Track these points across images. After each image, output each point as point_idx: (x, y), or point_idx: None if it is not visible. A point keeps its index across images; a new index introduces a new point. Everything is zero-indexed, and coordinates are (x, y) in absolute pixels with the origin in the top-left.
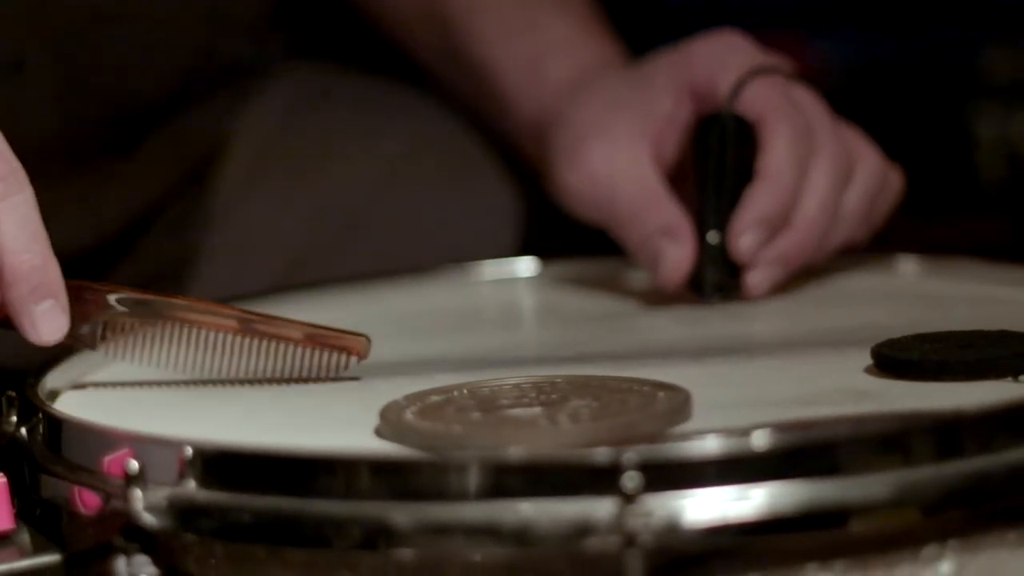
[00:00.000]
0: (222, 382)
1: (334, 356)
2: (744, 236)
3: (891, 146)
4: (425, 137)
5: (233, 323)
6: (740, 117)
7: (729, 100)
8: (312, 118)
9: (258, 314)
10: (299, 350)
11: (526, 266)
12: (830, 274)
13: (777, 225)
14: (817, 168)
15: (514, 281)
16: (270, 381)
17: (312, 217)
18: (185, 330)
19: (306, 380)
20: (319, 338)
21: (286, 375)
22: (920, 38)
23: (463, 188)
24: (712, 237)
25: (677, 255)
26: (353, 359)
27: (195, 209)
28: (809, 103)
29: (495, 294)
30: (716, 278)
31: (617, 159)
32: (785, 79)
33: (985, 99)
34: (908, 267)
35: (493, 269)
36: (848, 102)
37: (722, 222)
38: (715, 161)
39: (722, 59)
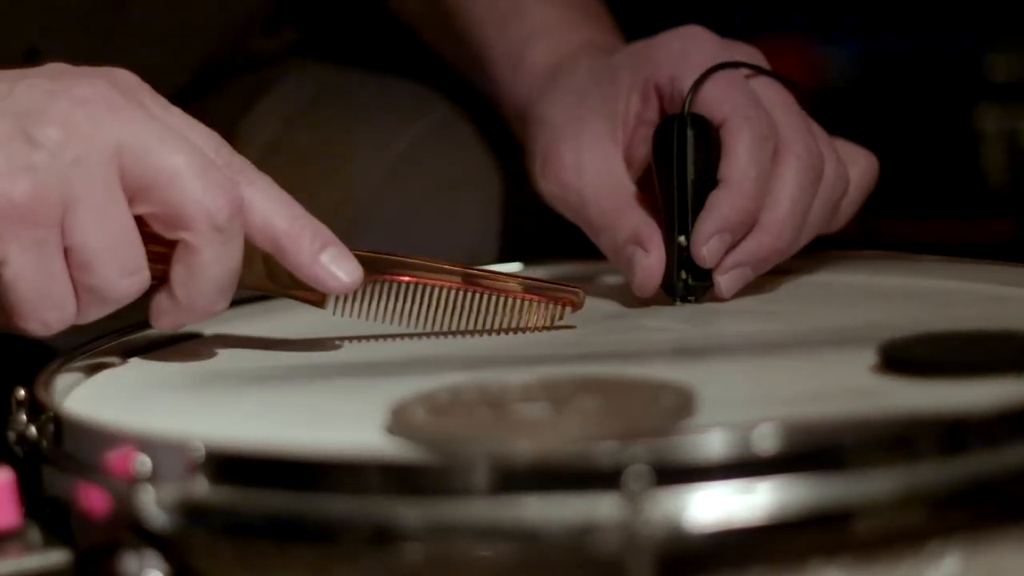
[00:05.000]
0: (445, 334)
1: (551, 307)
2: (706, 245)
3: (896, 147)
4: (431, 136)
5: (457, 279)
6: (701, 117)
7: (687, 102)
8: (318, 117)
9: (480, 269)
10: (518, 303)
11: (532, 266)
12: (834, 273)
13: (741, 231)
14: (785, 168)
15: None
16: (490, 332)
17: (323, 213)
18: (411, 287)
19: (524, 330)
20: (537, 290)
21: (505, 326)
22: (925, 40)
23: (469, 187)
24: (681, 240)
25: (647, 264)
26: (568, 309)
27: None
28: (774, 99)
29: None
30: (687, 281)
31: (586, 167)
32: (750, 74)
33: (990, 100)
34: (913, 266)
35: (509, 267)
36: (854, 104)
37: (689, 225)
38: (676, 164)
39: (684, 54)
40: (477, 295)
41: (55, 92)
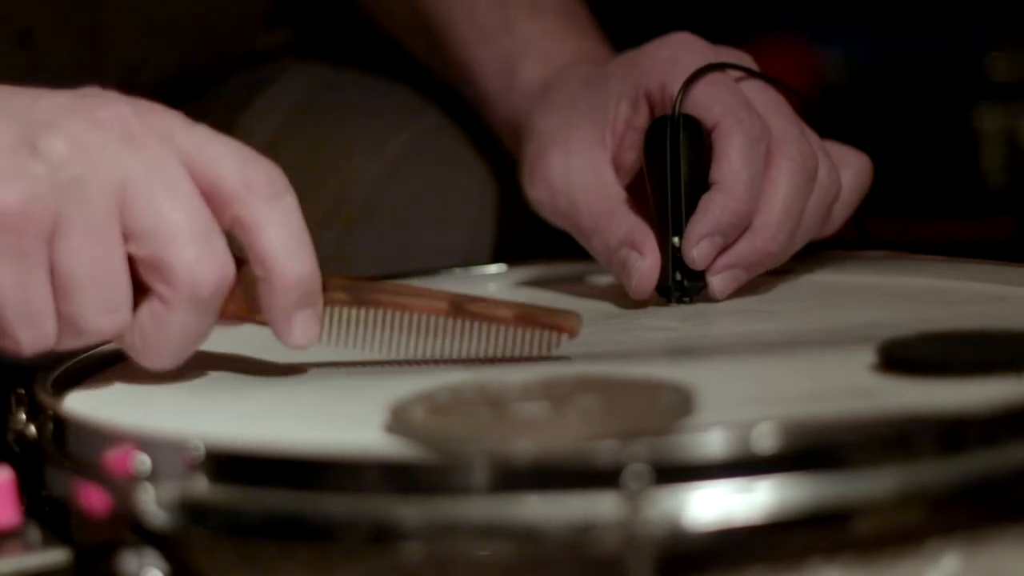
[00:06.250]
0: (432, 363)
1: (544, 335)
2: (697, 247)
3: (897, 147)
4: (428, 136)
5: (444, 305)
6: (692, 118)
7: (677, 102)
8: (318, 116)
9: (469, 296)
10: (510, 331)
11: (531, 265)
12: (834, 273)
13: (733, 233)
14: (777, 170)
15: (519, 280)
16: (480, 361)
17: (318, 214)
18: (396, 314)
19: (516, 360)
20: (530, 318)
21: (496, 355)
22: (925, 40)
23: (467, 186)
24: (675, 241)
25: (642, 267)
26: (564, 336)
27: None
28: (766, 102)
29: (500, 293)
30: (682, 282)
31: (574, 171)
32: (741, 77)
33: (990, 100)
34: (913, 266)
35: (497, 268)
36: (854, 104)
37: (682, 226)
38: (669, 165)
39: (673, 61)
40: (466, 322)
41: (75, 110)
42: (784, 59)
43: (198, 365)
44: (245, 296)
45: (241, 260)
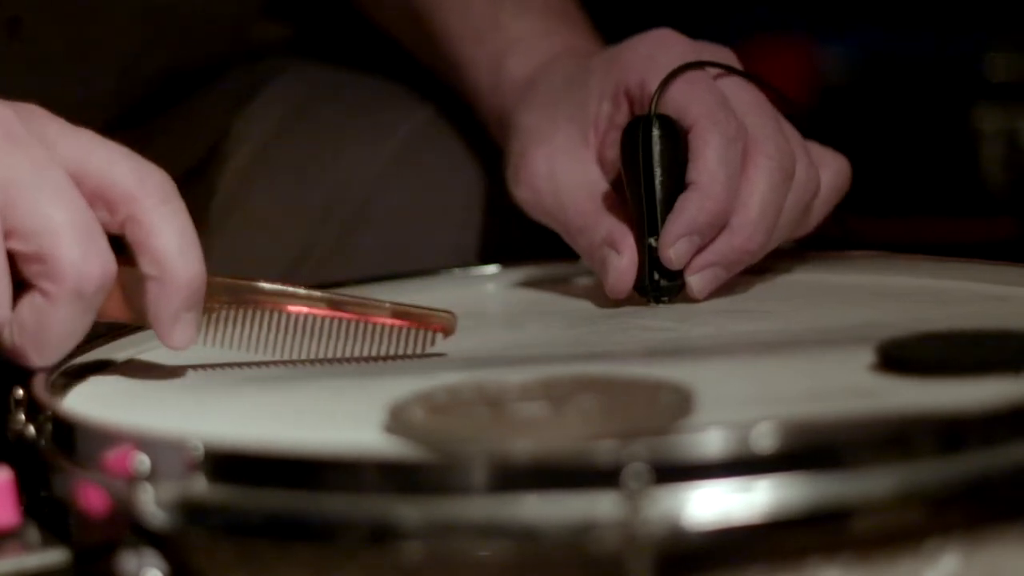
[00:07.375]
0: (311, 362)
1: (421, 334)
2: (673, 247)
3: (896, 146)
4: (426, 134)
5: (323, 306)
6: (668, 117)
7: (653, 102)
8: (315, 115)
9: (346, 296)
10: (386, 330)
11: (530, 265)
12: (832, 273)
13: (710, 233)
14: (755, 169)
15: (518, 280)
16: (359, 360)
17: (315, 213)
18: (275, 314)
19: (393, 358)
20: (406, 316)
21: (374, 354)
22: (925, 40)
23: (466, 184)
24: (652, 241)
25: (619, 265)
26: (439, 335)
27: (198, 205)
28: (745, 99)
29: (499, 293)
30: (659, 282)
31: (560, 171)
32: (719, 74)
33: (989, 100)
34: (911, 265)
35: (496, 268)
36: (853, 103)
37: (658, 226)
38: (643, 165)
39: (652, 58)
40: (344, 322)
41: None
42: (784, 59)
43: (196, 365)
44: (124, 297)
45: (120, 260)
